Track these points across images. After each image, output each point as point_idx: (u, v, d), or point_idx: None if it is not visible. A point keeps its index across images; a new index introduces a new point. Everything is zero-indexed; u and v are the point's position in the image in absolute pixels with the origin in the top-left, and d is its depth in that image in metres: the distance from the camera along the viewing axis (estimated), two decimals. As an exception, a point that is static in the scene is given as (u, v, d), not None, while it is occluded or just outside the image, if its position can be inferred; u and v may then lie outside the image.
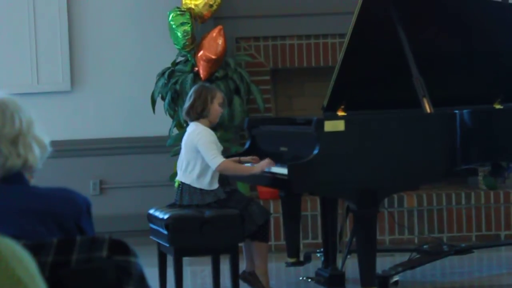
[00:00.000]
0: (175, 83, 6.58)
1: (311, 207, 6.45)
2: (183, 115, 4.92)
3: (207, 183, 4.71)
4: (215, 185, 4.73)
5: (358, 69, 4.86)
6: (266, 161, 4.65)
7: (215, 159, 4.65)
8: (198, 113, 4.76)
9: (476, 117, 4.60)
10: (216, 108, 4.79)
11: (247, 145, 5.20)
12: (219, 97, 4.81)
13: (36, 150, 2.25)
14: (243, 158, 4.91)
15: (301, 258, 5.29)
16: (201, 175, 4.71)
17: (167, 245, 4.61)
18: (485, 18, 5.14)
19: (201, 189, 4.70)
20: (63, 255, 1.97)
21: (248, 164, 4.84)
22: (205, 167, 4.70)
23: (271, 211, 6.26)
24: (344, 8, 6.38)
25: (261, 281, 4.87)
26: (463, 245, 5.70)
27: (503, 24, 5.20)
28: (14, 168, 2.21)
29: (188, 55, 6.62)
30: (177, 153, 4.95)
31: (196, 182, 4.71)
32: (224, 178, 4.97)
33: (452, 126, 4.51)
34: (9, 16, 7.17)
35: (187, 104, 4.81)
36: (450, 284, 5.31)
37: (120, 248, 2.01)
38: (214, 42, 6.47)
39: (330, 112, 4.75)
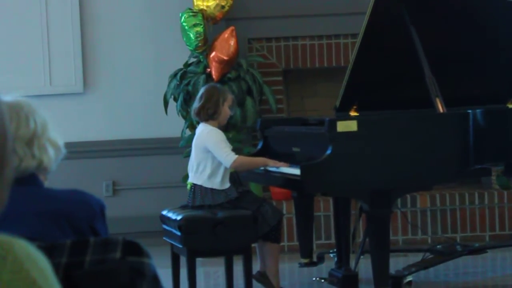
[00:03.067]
0: (188, 84, 6.59)
1: (324, 208, 6.44)
2: (192, 114, 4.92)
3: (219, 182, 4.71)
4: (227, 185, 4.74)
5: (371, 69, 4.85)
6: (283, 162, 4.66)
7: (228, 156, 4.65)
8: (209, 115, 4.77)
9: (489, 116, 4.59)
10: (226, 111, 4.80)
11: (259, 146, 5.20)
12: (229, 99, 4.82)
13: (51, 152, 2.25)
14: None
15: (314, 259, 5.29)
16: (212, 175, 4.71)
17: (180, 246, 4.62)
18: (498, 17, 5.13)
19: (212, 189, 4.71)
20: (76, 257, 1.98)
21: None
22: (216, 167, 4.71)
23: (284, 211, 6.26)
24: (356, 8, 6.38)
25: (271, 281, 4.87)
26: (476, 245, 5.69)
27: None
28: (29, 169, 2.22)
29: (200, 56, 6.63)
30: (189, 154, 4.96)
31: (208, 182, 4.71)
32: (236, 179, 4.97)
33: (465, 126, 4.49)
34: (22, 19, 7.19)
35: (197, 104, 4.81)
36: (464, 284, 5.29)
37: (133, 249, 2.02)
38: (226, 43, 6.48)
39: (342, 113, 4.75)
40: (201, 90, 4.91)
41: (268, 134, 5.15)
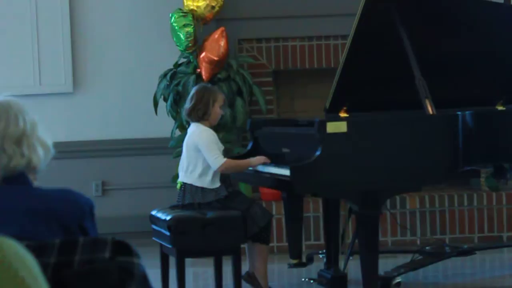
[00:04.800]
0: (177, 84, 6.59)
1: (313, 209, 6.45)
2: (184, 114, 4.95)
3: (209, 181, 4.72)
4: (217, 184, 4.75)
5: (361, 70, 4.85)
6: (263, 157, 4.71)
7: (217, 159, 4.67)
8: (199, 116, 4.79)
9: (479, 118, 4.60)
10: (217, 111, 4.82)
11: (249, 147, 5.20)
12: (220, 99, 4.83)
13: (40, 151, 2.25)
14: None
15: (304, 260, 5.29)
16: (203, 174, 4.72)
17: (170, 246, 4.61)
18: (488, 19, 5.14)
19: (202, 188, 4.72)
20: (65, 256, 1.98)
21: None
22: (207, 166, 4.72)
23: (274, 212, 6.26)
24: (346, 9, 6.38)
25: (260, 282, 4.88)
26: (465, 246, 5.70)
27: (506, 26, 5.19)
28: (18, 168, 2.21)
29: (191, 57, 6.62)
30: (179, 155, 4.96)
31: (198, 181, 4.72)
32: (226, 179, 4.97)
33: (455, 127, 4.50)
34: (11, 18, 7.18)
35: (188, 104, 4.83)
36: (453, 286, 5.30)
37: (122, 249, 2.01)
38: (216, 44, 6.48)
39: (332, 114, 4.75)
40: (192, 91, 4.92)
41: (258, 134, 5.15)
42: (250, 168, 4.86)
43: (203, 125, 4.79)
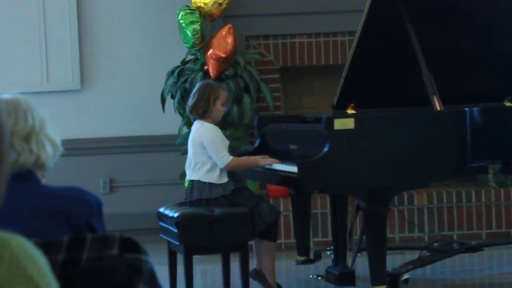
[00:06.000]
0: (185, 81, 6.59)
1: (321, 205, 6.44)
2: (187, 111, 4.96)
3: (217, 176, 4.73)
4: (225, 179, 4.75)
5: (368, 67, 4.85)
6: (273, 159, 4.70)
7: (223, 158, 4.67)
8: (200, 113, 4.80)
9: (486, 114, 4.59)
10: (219, 108, 4.82)
11: (256, 144, 5.20)
12: (222, 97, 4.83)
13: (49, 148, 2.26)
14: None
15: (311, 256, 5.29)
16: (210, 169, 4.73)
17: (177, 243, 4.62)
18: (496, 15, 5.13)
19: (210, 183, 4.72)
20: (74, 253, 1.98)
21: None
22: (215, 162, 4.72)
23: (281, 209, 6.26)
24: (353, 6, 6.38)
25: (268, 279, 4.88)
26: (473, 242, 5.70)
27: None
28: (26, 165, 2.22)
29: (198, 54, 6.62)
30: (186, 152, 4.97)
31: (205, 176, 4.73)
32: (233, 175, 4.98)
33: (462, 123, 4.50)
34: (19, 16, 7.19)
35: (190, 101, 4.84)
36: (461, 282, 5.30)
37: (130, 246, 2.02)
38: (223, 41, 6.48)
39: (340, 110, 4.75)
40: (195, 87, 4.93)
41: (265, 131, 5.15)
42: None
43: (207, 122, 4.80)
